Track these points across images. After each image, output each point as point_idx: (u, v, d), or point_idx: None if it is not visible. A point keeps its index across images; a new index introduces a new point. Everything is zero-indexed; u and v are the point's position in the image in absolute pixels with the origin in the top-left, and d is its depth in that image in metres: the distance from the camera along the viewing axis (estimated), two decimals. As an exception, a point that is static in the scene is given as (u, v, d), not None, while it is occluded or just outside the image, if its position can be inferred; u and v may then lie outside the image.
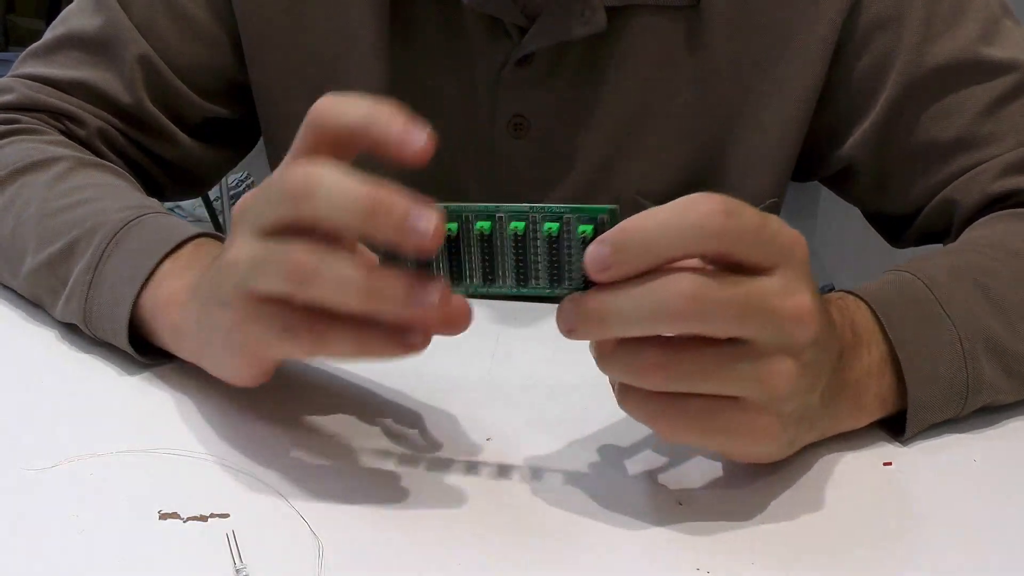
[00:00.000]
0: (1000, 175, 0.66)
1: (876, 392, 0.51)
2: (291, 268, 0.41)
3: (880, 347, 0.51)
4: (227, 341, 0.46)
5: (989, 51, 0.66)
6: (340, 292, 0.41)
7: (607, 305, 0.41)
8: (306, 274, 0.41)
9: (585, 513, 0.46)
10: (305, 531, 0.44)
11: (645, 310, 0.40)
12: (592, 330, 0.42)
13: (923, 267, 0.56)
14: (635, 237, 0.40)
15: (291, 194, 0.41)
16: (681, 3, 0.67)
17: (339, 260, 0.41)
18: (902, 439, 0.52)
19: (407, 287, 0.41)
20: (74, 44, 0.71)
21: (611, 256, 0.40)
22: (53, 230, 0.59)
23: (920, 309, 0.53)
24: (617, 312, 0.40)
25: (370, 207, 0.40)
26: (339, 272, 0.41)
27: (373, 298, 0.41)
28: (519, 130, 0.69)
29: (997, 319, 0.54)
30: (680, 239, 0.40)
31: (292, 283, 0.41)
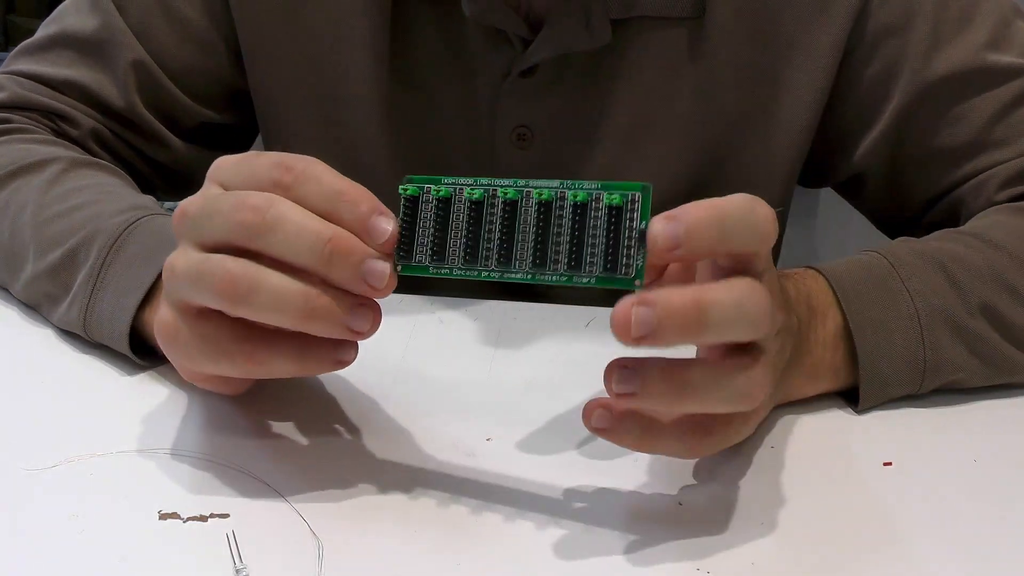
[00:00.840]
0: (1005, 184, 0.66)
1: (830, 364, 0.54)
2: (227, 284, 0.41)
3: (836, 319, 0.54)
4: (167, 353, 0.47)
5: (998, 56, 0.66)
6: (276, 312, 0.42)
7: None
8: (242, 292, 0.41)
9: (585, 513, 0.46)
10: (305, 531, 0.44)
11: (744, 318, 0.40)
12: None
13: (891, 248, 0.58)
14: (710, 223, 0.40)
15: (250, 224, 0.41)
16: (686, 15, 0.66)
17: (277, 279, 0.41)
18: (857, 409, 0.54)
19: (343, 310, 0.42)
20: (68, 43, 0.71)
21: (684, 235, 0.39)
22: (51, 238, 0.58)
23: (879, 283, 0.55)
24: (719, 314, 0.39)
25: (327, 253, 0.41)
26: (276, 292, 0.41)
27: (309, 319, 0.42)
28: (522, 141, 0.69)
29: (959, 301, 0.55)
30: (749, 235, 0.41)
31: (227, 300, 0.42)
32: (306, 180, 0.42)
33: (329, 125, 0.71)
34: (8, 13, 3.11)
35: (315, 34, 0.69)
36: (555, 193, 0.42)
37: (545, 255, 0.41)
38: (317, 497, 0.46)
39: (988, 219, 0.63)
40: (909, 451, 0.52)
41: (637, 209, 0.41)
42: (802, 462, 0.50)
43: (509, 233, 0.42)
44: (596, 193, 0.41)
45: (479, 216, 0.42)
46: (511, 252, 0.42)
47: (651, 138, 0.69)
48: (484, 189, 0.42)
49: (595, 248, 0.41)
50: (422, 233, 0.43)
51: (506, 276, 0.42)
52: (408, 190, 0.43)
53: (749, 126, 0.69)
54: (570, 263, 0.41)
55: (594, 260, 0.41)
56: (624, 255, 0.40)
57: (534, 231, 0.42)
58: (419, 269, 0.42)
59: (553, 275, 0.41)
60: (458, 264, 0.42)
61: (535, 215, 0.42)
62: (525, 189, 0.42)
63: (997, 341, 0.56)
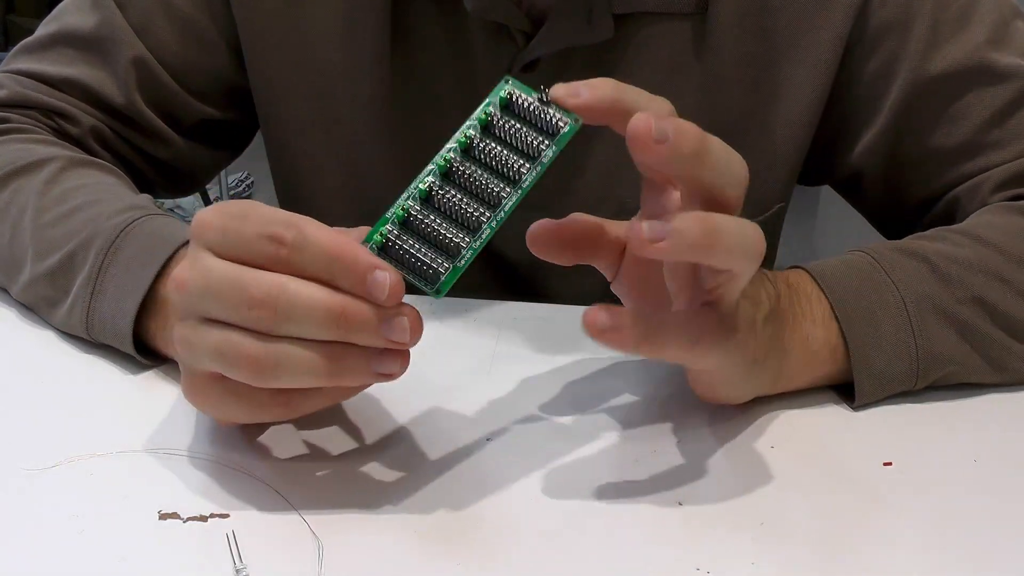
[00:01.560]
0: (1000, 187, 0.66)
1: (825, 340, 0.54)
2: (252, 367, 0.41)
3: (823, 304, 0.55)
4: (203, 410, 0.47)
5: (996, 56, 0.66)
6: (306, 381, 0.42)
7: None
8: (268, 371, 0.41)
9: (585, 513, 0.46)
10: (305, 531, 0.44)
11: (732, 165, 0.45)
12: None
13: (874, 246, 0.59)
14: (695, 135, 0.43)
15: (261, 319, 0.41)
16: (688, 10, 0.66)
17: (298, 353, 0.41)
18: (853, 405, 0.54)
19: (369, 361, 0.42)
20: (68, 42, 0.71)
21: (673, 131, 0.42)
22: (49, 241, 0.58)
23: (863, 276, 0.56)
24: (716, 151, 0.44)
25: (342, 326, 0.41)
26: (301, 366, 0.41)
27: (339, 378, 0.42)
28: None
29: (946, 290, 0.56)
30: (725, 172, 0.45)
31: (255, 379, 0.42)
32: (301, 250, 0.41)
33: (329, 122, 0.71)
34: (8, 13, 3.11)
35: (315, 31, 0.69)
36: (462, 140, 0.45)
37: (513, 176, 0.44)
38: (317, 497, 0.46)
39: (979, 218, 0.63)
40: (909, 450, 0.52)
41: (521, 94, 0.45)
42: (802, 462, 0.50)
43: (470, 189, 0.44)
44: (484, 113, 0.45)
45: (437, 202, 0.44)
46: (488, 197, 0.44)
47: None
48: (418, 186, 0.44)
49: (526, 135, 0.45)
50: (419, 252, 0.43)
51: (507, 211, 0.44)
52: (375, 242, 0.43)
53: (750, 122, 0.69)
54: (525, 162, 0.44)
55: (533, 141, 0.44)
56: (552, 119, 0.45)
57: (479, 169, 0.44)
58: (449, 278, 0.43)
59: (528, 174, 0.44)
60: (466, 244, 0.43)
61: (471, 164, 0.44)
62: (445, 160, 0.45)
63: (988, 327, 0.56)
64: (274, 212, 0.42)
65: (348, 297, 0.41)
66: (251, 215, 0.42)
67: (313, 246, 0.41)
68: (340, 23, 0.68)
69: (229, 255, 0.42)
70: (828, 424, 0.54)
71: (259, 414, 0.45)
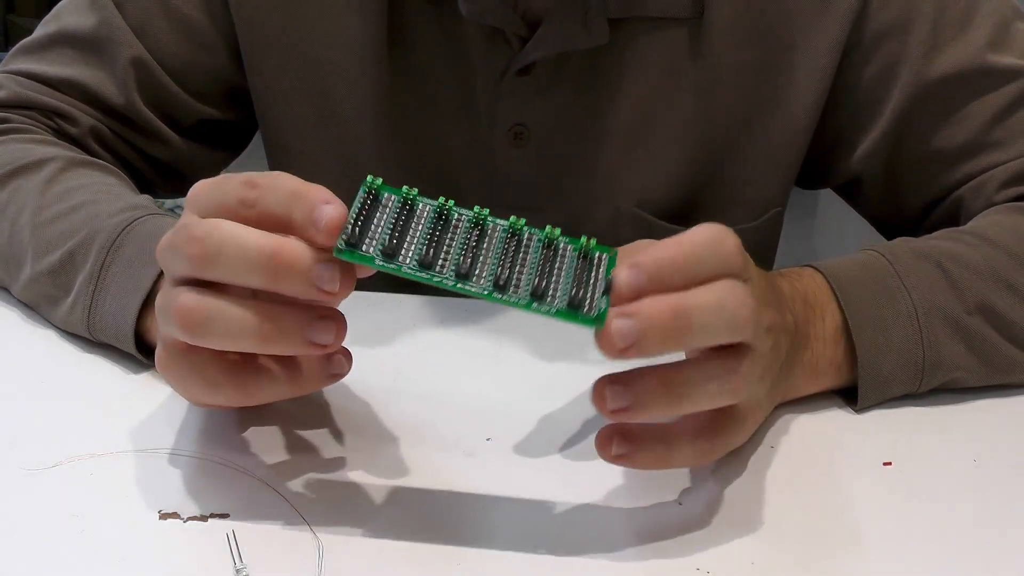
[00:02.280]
0: (1004, 185, 0.66)
1: (831, 360, 0.54)
2: (183, 319, 0.42)
3: (835, 316, 0.54)
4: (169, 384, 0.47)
5: (997, 58, 0.66)
6: (234, 339, 0.42)
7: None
8: (198, 325, 0.42)
9: (585, 513, 0.46)
10: (305, 531, 0.44)
11: (727, 319, 0.41)
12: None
13: (889, 246, 0.58)
14: (673, 267, 0.41)
15: (194, 256, 0.41)
16: (685, 14, 0.66)
17: (228, 308, 0.42)
18: (856, 408, 0.54)
19: (301, 326, 0.42)
20: (67, 42, 0.71)
21: (648, 282, 0.40)
22: (49, 239, 0.59)
23: (877, 280, 0.56)
24: (701, 317, 0.40)
25: (272, 267, 0.40)
26: (229, 320, 0.41)
27: (268, 341, 0.42)
28: (519, 139, 0.69)
29: (957, 298, 0.56)
30: (715, 269, 0.42)
31: (187, 334, 0.42)
32: (268, 191, 0.42)
33: (327, 123, 0.71)
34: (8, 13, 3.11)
35: (314, 32, 0.69)
36: (523, 225, 0.42)
37: (509, 277, 0.41)
38: (317, 497, 0.46)
39: (987, 219, 0.63)
40: (909, 451, 0.52)
41: (604, 263, 0.42)
42: (802, 462, 0.50)
43: (473, 246, 0.41)
44: (565, 244, 0.42)
45: (444, 224, 0.42)
46: (472, 265, 0.41)
47: (649, 138, 0.69)
48: (452, 209, 0.42)
49: (560, 282, 0.41)
50: (378, 225, 0.41)
51: (460, 287, 0.40)
52: (377, 182, 0.42)
53: (748, 127, 0.69)
54: (534, 291, 0.40)
55: (557, 294, 0.41)
56: (590, 295, 0.41)
57: (498, 250, 0.41)
58: (364, 259, 0.40)
59: (513, 298, 0.40)
60: (409, 263, 0.40)
61: (503, 236, 0.42)
62: (491, 221, 0.42)
63: (996, 339, 0.56)
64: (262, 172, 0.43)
65: (283, 239, 0.41)
66: (239, 175, 0.43)
67: (283, 183, 0.42)
68: (337, 24, 0.68)
69: (208, 211, 0.43)
70: (828, 424, 0.54)
71: (215, 393, 0.45)
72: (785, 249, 0.81)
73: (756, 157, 0.70)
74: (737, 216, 0.72)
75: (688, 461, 0.45)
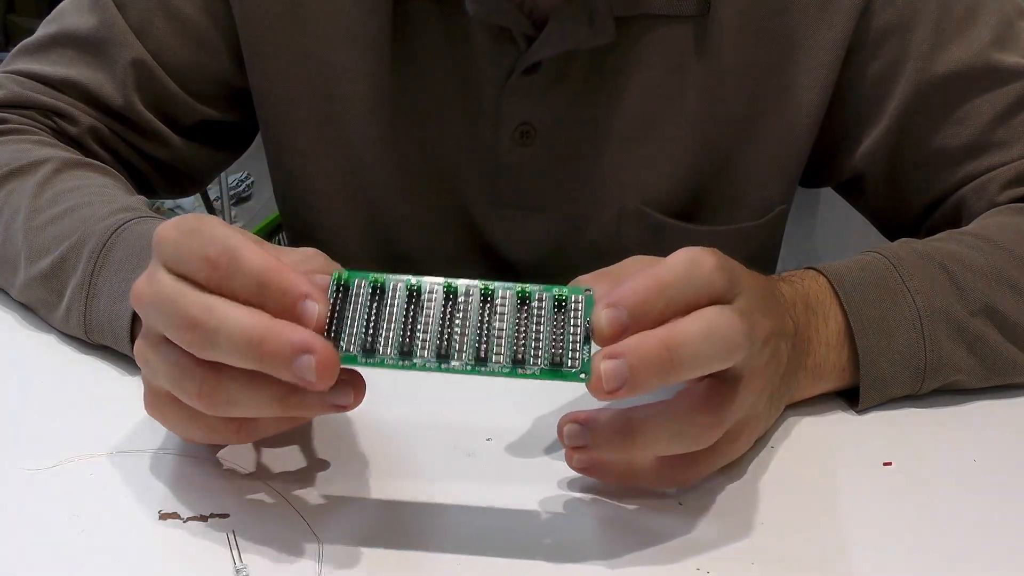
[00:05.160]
0: (1007, 185, 0.66)
1: (835, 363, 0.54)
2: (201, 397, 0.41)
3: (837, 319, 0.54)
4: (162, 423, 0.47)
5: (1001, 56, 0.66)
6: (260, 413, 0.42)
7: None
8: (218, 403, 0.41)
9: (585, 513, 0.46)
10: (305, 531, 0.44)
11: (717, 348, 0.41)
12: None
13: (891, 248, 0.58)
14: (652, 298, 0.41)
15: (189, 341, 0.41)
16: (690, 12, 0.66)
17: (250, 387, 0.41)
18: (856, 409, 0.54)
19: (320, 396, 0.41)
20: (67, 42, 0.71)
21: (629, 318, 0.40)
22: (41, 244, 0.59)
23: (880, 283, 0.55)
24: (690, 351, 0.40)
25: (259, 350, 0.40)
26: (252, 398, 0.41)
27: (287, 409, 0.42)
28: (525, 138, 0.69)
29: (960, 301, 0.56)
30: (696, 295, 0.41)
31: (206, 407, 0.42)
32: (231, 277, 0.41)
33: (329, 124, 0.71)
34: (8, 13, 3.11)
35: (316, 32, 0.69)
36: (495, 288, 0.41)
37: (488, 349, 0.41)
38: (317, 497, 0.46)
39: (990, 220, 0.63)
40: (909, 451, 0.52)
41: (581, 308, 0.41)
42: (802, 462, 0.50)
43: (448, 323, 0.41)
44: (538, 291, 0.42)
45: (417, 303, 0.41)
46: (450, 345, 0.41)
47: (655, 136, 0.69)
48: (419, 282, 0.42)
49: (539, 341, 0.41)
50: (353, 321, 0.41)
51: (444, 369, 0.41)
52: (344, 275, 0.42)
53: (753, 124, 0.69)
54: (514, 359, 0.40)
55: (538, 354, 0.41)
56: (570, 348, 0.41)
57: (475, 322, 0.41)
58: (347, 359, 0.41)
59: (495, 368, 0.41)
60: (391, 355, 0.41)
61: (476, 305, 0.41)
62: (464, 285, 0.42)
63: (999, 342, 0.56)
64: (217, 232, 0.42)
65: (271, 324, 0.40)
66: (198, 233, 0.42)
67: (245, 272, 0.41)
68: (341, 24, 0.68)
69: (179, 271, 0.42)
70: (828, 424, 0.54)
71: (213, 437, 0.45)
72: (786, 249, 0.81)
73: (761, 155, 0.70)
74: (742, 214, 0.72)
75: (658, 487, 0.47)
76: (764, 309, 0.47)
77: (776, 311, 0.49)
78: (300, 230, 0.76)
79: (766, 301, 0.48)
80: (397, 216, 0.73)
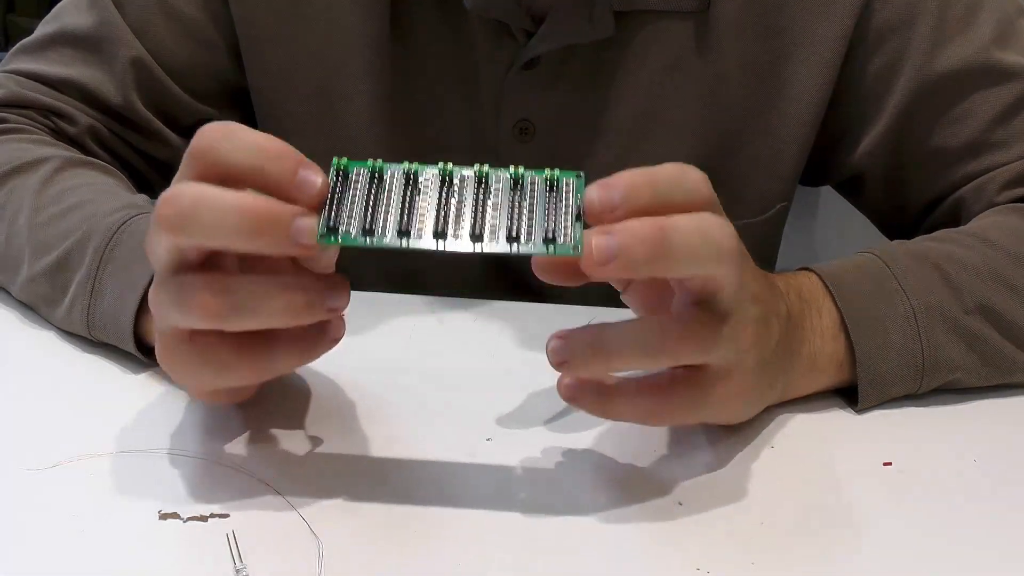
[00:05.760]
0: (1006, 186, 0.66)
1: (831, 355, 0.54)
2: (199, 310, 0.41)
3: (831, 313, 0.54)
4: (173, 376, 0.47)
5: (1002, 55, 0.66)
6: (269, 317, 0.42)
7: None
8: (227, 314, 0.41)
9: (585, 513, 0.46)
10: (305, 531, 0.44)
11: (708, 246, 0.42)
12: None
13: (885, 248, 0.58)
14: (643, 185, 0.42)
15: (168, 217, 0.41)
16: (690, 8, 0.66)
17: (255, 288, 0.41)
18: (856, 409, 0.54)
19: (318, 291, 0.42)
20: (66, 42, 0.71)
21: (620, 198, 0.41)
22: (45, 241, 0.59)
23: (874, 282, 0.56)
24: (682, 239, 0.41)
25: (254, 226, 0.40)
26: (260, 297, 0.41)
27: (296, 317, 0.42)
28: (524, 134, 0.69)
29: (955, 299, 0.56)
30: (682, 196, 0.43)
31: (207, 321, 0.42)
32: (231, 143, 0.42)
33: (329, 121, 0.71)
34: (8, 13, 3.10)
35: (314, 29, 0.69)
36: (488, 170, 0.43)
37: (483, 226, 0.42)
38: (317, 497, 0.46)
39: (987, 220, 0.63)
40: (909, 451, 0.52)
41: (572, 188, 0.43)
42: (802, 462, 0.50)
43: (445, 203, 0.42)
44: (532, 176, 0.43)
45: (414, 186, 0.42)
46: (446, 223, 0.42)
47: (655, 132, 0.69)
48: (417, 168, 0.43)
49: (533, 219, 0.42)
50: (352, 204, 0.42)
51: (441, 247, 0.41)
52: (343, 161, 0.43)
53: (753, 121, 0.69)
54: (509, 235, 0.41)
55: (532, 230, 0.42)
56: (563, 225, 0.42)
57: (470, 202, 0.42)
58: (347, 239, 0.41)
59: (490, 246, 0.41)
60: (390, 236, 0.41)
61: (472, 186, 0.43)
62: (459, 171, 0.43)
63: (996, 339, 0.56)
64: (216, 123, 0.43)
65: (266, 198, 0.41)
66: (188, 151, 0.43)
67: (242, 140, 0.42)
68: (339, 19, 0.68)
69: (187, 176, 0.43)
70: (828, 424, 0.54)
71: (227, 376, 0.44)
72: (786, 248, 0.81)
73: (761, 151, 0.70)
74: (743, 210, 0.72)
75: (632, 418, 0.46)
76: (756, 276, 0.47)
77: (769, 290, 0.49)
78: None
79: (760, 281, 0.48)
80: None
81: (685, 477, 0.48)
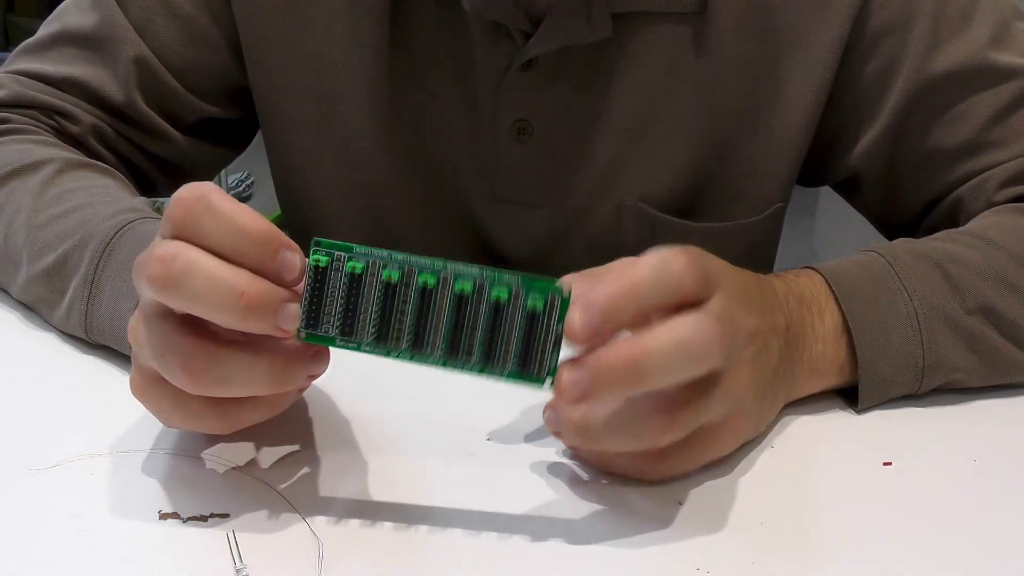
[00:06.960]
0: (1004, 184, 0.66)
1: (833, 359, 0.54)
2: (186, 371, 0.41)
3: (834, 315, 0.54)
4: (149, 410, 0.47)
5: (998, 56, 0.66)
6: (248, 387, 0.42)
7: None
8: (206, 380, 0.41)
9: (585, 513, 0.46)
10: (305, 531, 0.44)
11: (688, 358, 0.41)
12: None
13: (888, 247, 0.58)
14: (624, 299, 0.41)
15: (158, 277, 0.40)
16: (688, 9, 0.66)
17: (235, 359, 0.41)
18: (856, 409, 0.54)
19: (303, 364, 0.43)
20: (69, 41, 0.71)
21: (601, 322, 0.40)
22: (44, 242, 0.59)
23: (877, 282, 0.56)
24: (657, 363, 0.41)
25: (243, 307, 0.40)
26: (243, 371, 0.41)
27: (281, 384, 0.42)
28: (522, 135, 0.69)
29: (957, 299, 0.56)
30: (667, 295, 0.42)
31: (190, 384, 0.41)
32: (204, 214, 0.41)
33: (328, 121, 0.71)
34: (8, 13, 3.10)
35: (314, 30, 0.69)
36: (474, 285, 0.41)
37: (458, 344, 0.41)
38: (317, 497, 0.46)
39: (987, 219, 0.63)
40: (909, 451, 0.52)
41: (556, 310, 0.41)
42: (802, 462, 0.50)
43: (423, 318, 0.41)
44: (516, 289, 0.41)
45: (393, 296, 0.41)
46: (424, 337, 0.41)
47: (652, 133, 0.69)
48: (400, 269, 0.41)
49: (510, 345, 0.41)
50: (330, 303, 0.41)
51: (416, 360, 0.42)
52: (319, 261, 0.41)
53: (750, 122, 0.69)
54: (483, 356, 0.41)
55: (508, 356, 0.41)
56: (538, 354, 0.41)
57: (449, 320, 0.41)
58: (325, 340, 0.41)
59: (465, 365, 0.41)
60: (367, 341, 0.41)
61: (452, 306, 0.41)
62: (442, 273, 0.41)
63: (997, 340, 0.56)
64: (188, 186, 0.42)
65: (252, 276, 0.40)
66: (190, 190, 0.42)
67: (220, 208, 0.41)
68: (339, 21, 0.68)
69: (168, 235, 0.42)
70: (828, 424, 0.54)
71: (196, 422, 0.44)
72: (784, 249, 0.81)
73: (758, 152, 0.70)
74: (740, 211, 0.72)
75: (632, 474, 0.47)
76: (747, 305, 0.47)
77: (764, 307, 0.49)
78: (299, 225, 0.76)
79: (750, 297, 0.48)
80: (395, 212, 0.73)
81: (685, 477, 0.48)
